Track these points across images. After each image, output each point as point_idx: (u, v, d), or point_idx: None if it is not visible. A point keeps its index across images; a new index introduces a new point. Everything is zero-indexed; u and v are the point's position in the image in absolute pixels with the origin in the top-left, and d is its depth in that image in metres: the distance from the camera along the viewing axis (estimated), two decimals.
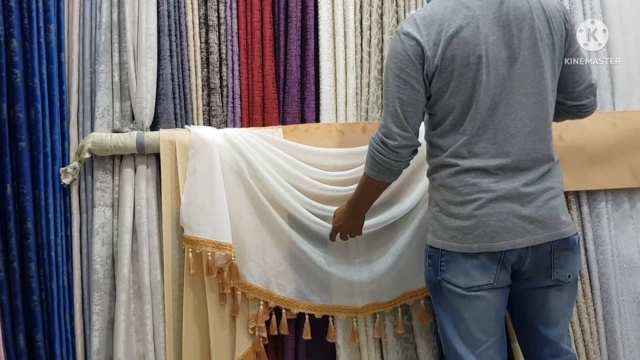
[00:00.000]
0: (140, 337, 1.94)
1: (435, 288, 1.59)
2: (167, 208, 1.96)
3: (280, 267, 1.98)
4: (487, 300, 1.52)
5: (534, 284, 1.56)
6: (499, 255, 1.50)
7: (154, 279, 1.95)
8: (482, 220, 1.49)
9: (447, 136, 1.55)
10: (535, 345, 1.62)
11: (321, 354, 2.04)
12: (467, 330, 1.53)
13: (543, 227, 1.50)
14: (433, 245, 1.58)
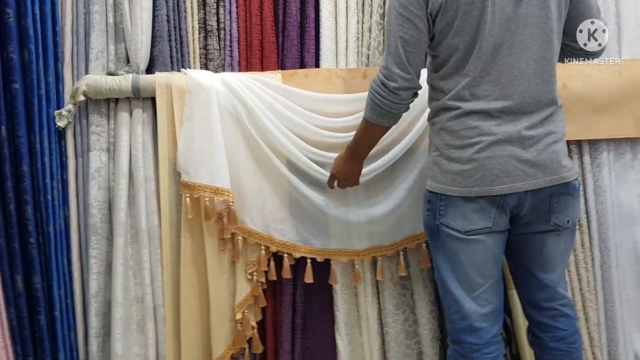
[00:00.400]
0: (138, 280, 1.94)
1: (433, 232, 1.58)
2: (164, 153, 1.94)
3: (280, 213, 1.97)
4: (485, 244, 1.52)
5: (533, 228, 1.55)
6: (498, 199, 1.48)
7: (151, 224, 1.94)
8: (482, 163, 1.47)
9: (449, 78, 1.52)
10: (532, 289, 1.63)
11: (319, 299, 2.05)
12: (465, 274, 1.53)
13: (544, 171, 1.48)
14: (432, 189, 1.57)
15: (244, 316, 1.94)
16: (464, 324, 1.54)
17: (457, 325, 1.56)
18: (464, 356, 1.54)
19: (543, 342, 1.63)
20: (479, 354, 1.52)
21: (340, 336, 2.01)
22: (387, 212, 1.95)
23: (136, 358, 1.91)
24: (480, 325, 1.53)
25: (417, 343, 2.01)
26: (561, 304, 1.62)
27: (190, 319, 1.92)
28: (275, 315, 2.04)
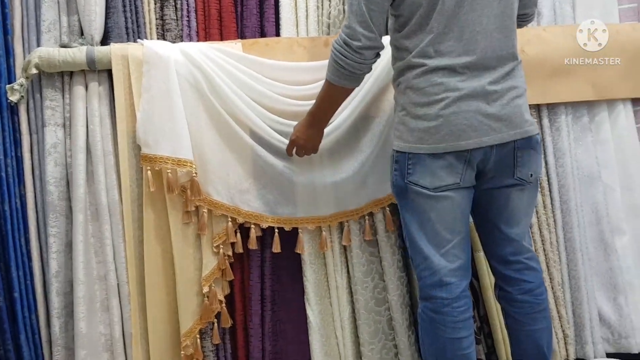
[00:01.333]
0: (100, 258, 1.88)
1: (401, 192, 1.58)
2: (122, 126, 1.88)
3: (245, 183, 1.94)
4: (453, 200, 1.53)
5: (498, 183, 1.58)
6: (465, 155, 1.50)
7: (112, 199, 1.89)
8: (448, 119, 1.48)
9: (413, 36, 1.52)
10: (498, 244, 1.65)
11: (288, 270, 2.03)
12: (434, 230, 1.54)
13: (508, 125, 1.51)
14: (399, 149, 1.57)
15: (210, 290, 1.90)
16: (434, 280, 1.55)
17: (427, 282, 1.57)
18: (434, 311, 1.55)
19: (511, 296, 1.65)
20: (449, 308, 1.54)
21: (310, 306, 2.00)
22: (351, 175, 1.95)
23: (101, 337, 1.86)
24: (449, 280, 1.54)
25: (387, 310, 2.02)
26: (527, 257, 1.65)
27: (155, 295, 1.88)
28: (243, 288, 2.01)
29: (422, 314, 1.60)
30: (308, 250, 2.00)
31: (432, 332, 1.57)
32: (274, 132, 1.90)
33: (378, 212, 2.01)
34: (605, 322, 2.13)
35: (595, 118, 2.22)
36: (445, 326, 1.54)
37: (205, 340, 1.92)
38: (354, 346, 2.02)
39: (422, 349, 1.64)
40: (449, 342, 1.54)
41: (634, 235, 2.17)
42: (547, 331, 1.65)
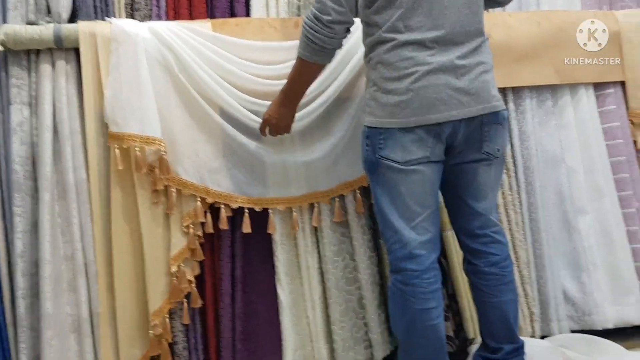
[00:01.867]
0: (67, 238, 1.85)
1: (373, 167, 1.60)
2: (90, 104, 1.86)
3: (215, 163, 1.93)
4: (423, 174, 1.56)
5: (465, 157, 1.61)
6: (435, 128, 1.53)
7: (79, 178, 1.86)
8: (418, 93, 1.51)
9: (383, 12, 1.55)
10: (466, 218, 1.68)
11: (258, 251, 2.03)
12: (404, 204, 1.56)
13: (476, 100, 1.54)
14: (371, 124, 1.59)
15: (179, 269, 1.89)
16: (404, 252, 1.57)
17: (397, 255, 1.59)
18: (404, 283, 1.57)
19: (478, 268, 1.68)
20: (418, 279, 1.56)
21: (282, 286, 2.00)
22: (323, 156, 1.96)
23: (68, 318, 1.83)
24: (419, 252, 1.57)
25: (357, 289, 2.03)
26: (493, 231, 1.69)
27: (124, 274, 1.86)
28: (213, 269, 2.00)
29: (393, 286, 1.62)
30: (279, 230, 2.00)
31: (402, 304, 1.59)
32: (245, 111, 1.91)
33: (348, 194, 2.03)
34: (569, 300, 2.18)
35: (558, 102, 2.28)
36: (415, 297, 1.56)
37: (174, 320, 1.90)
38: (325, 325, 2.02)
39: (392, 321, 1.66)
40: (418, 313, 1.56)
41: (596, 216, 2.23)
42: (513, 303, 1.69)
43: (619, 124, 2.29)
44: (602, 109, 2.32)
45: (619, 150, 2.27)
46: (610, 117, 2.30)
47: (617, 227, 2.21)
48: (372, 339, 2.00)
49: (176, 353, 1.88)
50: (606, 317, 2.15)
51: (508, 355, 1.67)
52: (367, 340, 2.02)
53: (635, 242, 2.22)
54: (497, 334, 1.68)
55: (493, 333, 1.69)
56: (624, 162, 2.27)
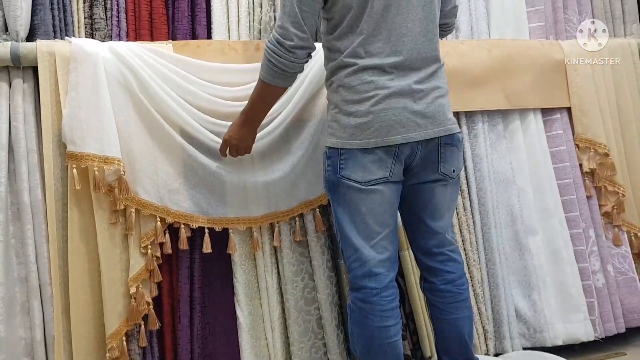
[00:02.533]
0: (21, 259, 1.81)
1: (334, 187, 1.64)
2: (47, 123, 1.84)
3: (175, 183, 1.93)
4: (382, 194, 1.61)
5: (423, 178, 1.67)
6: (394, 149, 1.58)
7: (35, 199, 1.83)
8: (378, 115, 1.57)
9: (344, 38, 1.61)
10: (423, 237, 1.74)
11: (217, 272, 2.03)
12: (364, 223, 1.61)
13: (432, 123, 1.61)
14: (332, 145, 1.63)
15: (138, 291, 1.87)
16: (363, 270, 1.61)
17: (357, 273, 1.62)
18: (363, 301, 1.61)
19: (434, 286, 1.73)
20: (377, 297, 1.60)
21: (240, 308, 2.00)
22: (282, 176, 1.99)
23: (21, 341, 1.78)
24: (378, 271, 1.61)
25: (316, 309, 2.05)
26: (450, 249, 1.74)
27: (80, 296, 1.82)
28: (172, 290, 1.98)
29: (352, 304, 1.65)
30: (239, 251, 2.01)
31: (361, 322, 1.62)
32: (205, 131, 1.92)
33: (308, 213, 2.06)
34: (521, 317, 2.26)
35: (509, 126, 2.38)
36: (374, 315, 1.60)
37: (131, 342, 1.87)
38: (284, 346, 2.03)
39: (352, 339, 1.69)
40: (377, 331, 1.59)
41: (545, 235, 2.32)
42: (468, 320, 1.74)
43: (565, 148, 2.41)
44: (550, 134, 2.43)
45: (565, 173, 2.38)
46: (557, 141, 2.42)
47: (565, 247, 2.30)
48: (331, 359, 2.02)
49: None
50: (556, 334, 2.23)
51: None
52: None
53: (582, 261, 2.32)
54: (452, 350, 1.72)
55: (448, 349, 1.73)
56: (570, 185, 2.38)
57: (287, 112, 1.99)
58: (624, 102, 2.50)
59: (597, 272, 2.34)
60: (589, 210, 2.39)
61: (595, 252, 2.35)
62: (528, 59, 2.36)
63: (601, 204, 2.43)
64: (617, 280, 2.38)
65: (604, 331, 2.30)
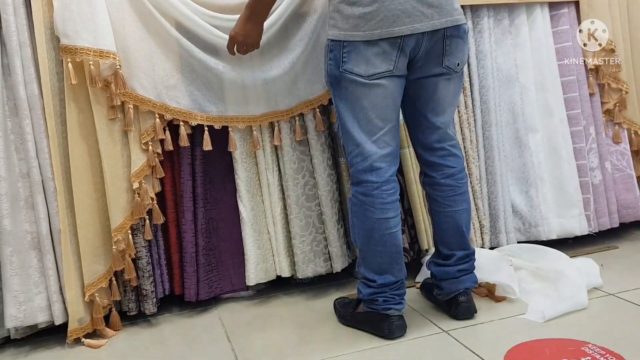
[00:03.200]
0: (22, 155, 1.81)
1: (336, 81, 1.61)
2: (39, 15, 1.77)
3: (172, 79, 1.90)
4: (385, 88, 1.58)
5: (426, 72, 1.64)
6: (398, 41, 1.54)
7: (31, 93, 1.79)
8: (383, 4, 1.51)
9: None
10: (424, 132, 1.73)
11: (219, 169, 2.04)
12: (366, 118, 1.60)
13: (439, 12, 1.55)
14: (334, 38, 1.58)
15: (141, 186, 1.88)
16: (365, 165, 1.62)
17: (358, 167, 1.63)
18: (364, 194, 1.63)
19: (434, 180, 1.75)
20: (378, 191, 1.62)
21: (243, 203, 2.03)
22: (282, 74, 1.95)
23: (27, 235, 1.81)
24: (380, 165, 1.62)
25: (317, 205, 2.08)
26: (450, 144, 1.74)
27: (83, 191, 1.84)
28: (175, 186, 2.01)
29: (353, 198, 1.67)
30: (239, 148, 2.01)
31: (361, 214, 1.65)
32: (203, 23, 1.86)
33: (308, 112, 2.04)
34: (517, 213, 2.30)
35: (515, 21, 2.31)
36: (375, 207, 1.62)
37: (137, 236, 1.91)
38: (286, 240, 2.08)
39: (352, 232, 1.73)
40: (377, 223, 1.63)
41: (545, 133, 2.32)
42: (466, 212, 1.78)
43: (571, 44, 2.35)
44: (556, 29, 2.36)
45: (569, 70, 2.34)
46: (563, 37, 2.35)
47: (564, 144, 2.31)
48: (332, 252, 2.07)
49: (140, 268, 1.90)
50: (550, 229, 2.29)
51: (459, 260, 1.77)
52: (326, 253, 2.09)
53: (581, 158, 2.33)
54: (450, 241, 1.77)
55: (446, 241, 1.78)
56: (573, 82, 2.34)
57: (286, 4, 1.91)
58: None
59: (594, 168, 2.36)
60: (590, 107, 2.37)
61: (595, 150, 2.36)
62: None
63: (603, 101, 2.41)
64: (614, 176, 2.41)
65: (598, 226, 2.37)
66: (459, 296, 1.75)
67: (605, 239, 2.40)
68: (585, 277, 1.92)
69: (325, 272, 2.08)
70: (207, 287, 2.01)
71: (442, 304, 1.81)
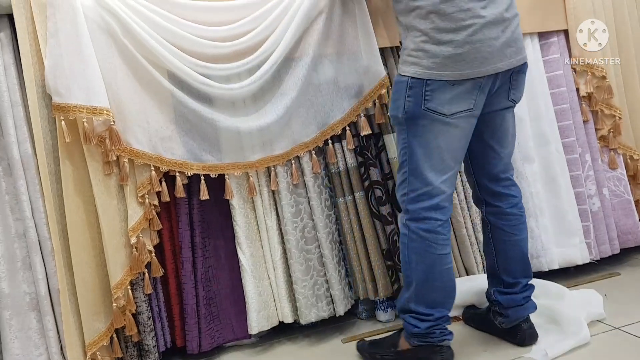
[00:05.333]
0: (17, 215, 1.79)
1: (414, 119, 1.61)
2: (30, 74, 1.77)
3: (167, 131, 1.89)
4: (462, 128, 1.62)
5: (495, 106, 1.68)
6: (480, 81, 1.57)
7: (25, 153, 1.78)
8: (475, 46, 1.53)
9: None
10: (491, 162, 1.78)
11: (216, 216, 2.02)
12: (440, 157, 1.62)
13: (516, 52, 1.61)
14: (416, 75, 1.59)
15: (139, 240, 1.86)
16: (431, 203, 1.64)
17: (424, 205, 1.65)
18: (427, 231, 1.65)
19: (501, 210, 1.80)
20: (441, 228, 1.66)
21: (242, 250, 2.01)
22: (276, 119, 1.94)
23: (26, 296, 1.79)
24: (445, 204, 1.66)
25: (317, 247, 2.06)
26: (512, 174, 1.82)
27: (81, 248, 1.82)
28: (172, 237, 1.99)
29: (412, 234, 1.67)
30: (236, 195, 1.99)
31: (422, 250, 1.66)
32: (195, 74, 1.85)
33: (304, 155, 2.03)
34: None
35: None
36: (437, 244, 1.65)
37: (136, 290, 1.89)
38: (287, 285, 2.06)
39: (407, 267, 1.71)
40: (438, 258, 1.66)
41: (542, 162, 2.31)
42: (527, 240, 1.84)
43: (562, 72, 2.36)
44: (547, 58, 2.37)
45: (562, 98, 2.35)
46: (554, 65, 2.36)
47: (561, 173, 2.30)
48: (334, 295, 2.06)
49: (140, 323, 1.88)
50: (552, 259, 2.28)
51: (524, 288, 1.81)
52: (328, 296, 2.07)
53: (578, 186, 2.33)
54: (514, 269, 1.81)
55: (511, 269, 1.81)
56: (567, 110, 2.34)
57: (280, 51, 1.91)
58: (622, 24, 2.43)
59: (592, 196, 2.36)
60: (585, 134, 2.37)
61: (592, 177, 2.36)
62: None
63: (597, 127, 2.41)
64: (612, 202, 2.40)
65: (599, 253, 2.35)
66: (522, 323, 1.80)
67: (607, 265, 2.39)
68: (587, 309, 1.91)
69: (328, 316, 2.06)
70: (209, 337, 1.98)
71: (503, 332, 1.84)
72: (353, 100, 2.04)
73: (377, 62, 2.02)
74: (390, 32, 2.09)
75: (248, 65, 1.90)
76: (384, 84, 2.03)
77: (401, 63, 1.65)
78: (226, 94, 1.89)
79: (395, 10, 1.68)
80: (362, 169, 2.07)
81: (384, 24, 2.08)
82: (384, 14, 2.08)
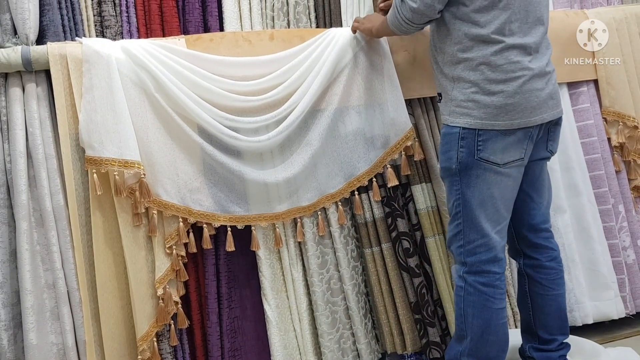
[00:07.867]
0: (47, 266, 1.81)
1: (467, 169, 1.62)
2: (64, 128, 1.82)
3: (195, 182, 1.91)
4: (514, 177, 1.64)
5: (535, 156, 1.70)
6: (530, 130, 1.60)
7: (57, 204, 1.82)
8: (524, 97, 1.57)
9: (485, 11, 1.57)
10: (530, 213, 1.77)
11: (242, 267, 2.02)
12: (494, 207, 1.62)
13: (556, 104, 1.66)
14: (467, 126, 1.61)
15: (165, 292, 1.87)
16: (489, 256, 1.63)
17: (482, 257, 1.64)
18: (486, 285, 1.64)
19: (540, 263, 1.78)
20: (499, 281, 1.65)
21: (267, 301, 2.00)
22: (302, 170, 1.96)
23: (53, 347, 1.80)
24: (501, 256, 1.66)
25: (343, 299, 2.04)
26: (550, 226, 1.80)
27: (108, 300, 1.83)
28: (199, 288, 1.99)
29: (469, 287, 1.65)
30: (262, 246, 1.99)
31: (480, 305, 1.64)
32: (223, 128, 1.88)
33: (330, 206, 2.03)
34: None
35: None
36: (495, 298, 1.64)
37: (162, 342, 1.89)
38: (313, 337, 2.03)
39: (462, 321, 1.68)
40: (495, 313, 1.64)
41: (573, 213, 2.27)
42: (564, 295, 1.81)
43: (592, 122, 2.33)
44: (576, 107, 2.35)
45: (593, 148, 2.32)
46: (584, 115, 2.34)
47: (594, 224, 2.25)
48: (360, 349, 2.02)
49: None
50: (586, 313, 2.21)
51: (560, 346, 1.78)
52: (354, 350, 2.04)
53: (612, 238, 2.28)
54: (552, 325, 1.78)
55: (548, 324, 1.78)
56: (599, 160, 2.31)
57: (305, 102, 1.94)
58: None
59: (627, 248, 2.30)
60: (618, 185, 2.33)
61: (625, 228, 2.30)
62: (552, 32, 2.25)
63: (630, 178, 2.37)
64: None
65: (634, 307, 2.28)
66: None
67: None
68: None
69: None
70: None
71: None
72: (379, 151, 2.05)
73: (403, 113, 2.03)
74: (415, 83, 2.10)
75: (276, 117, 1.92)
76: (410, 135, 2.03)
77: (448, 114, 1.66)
78: (254, 146, 1.91)
79: (437, 62, 1.70)
80: (389, 220, 2.06)
81: (410, 75, 2.09)
82: (411, 65, 2.09)
